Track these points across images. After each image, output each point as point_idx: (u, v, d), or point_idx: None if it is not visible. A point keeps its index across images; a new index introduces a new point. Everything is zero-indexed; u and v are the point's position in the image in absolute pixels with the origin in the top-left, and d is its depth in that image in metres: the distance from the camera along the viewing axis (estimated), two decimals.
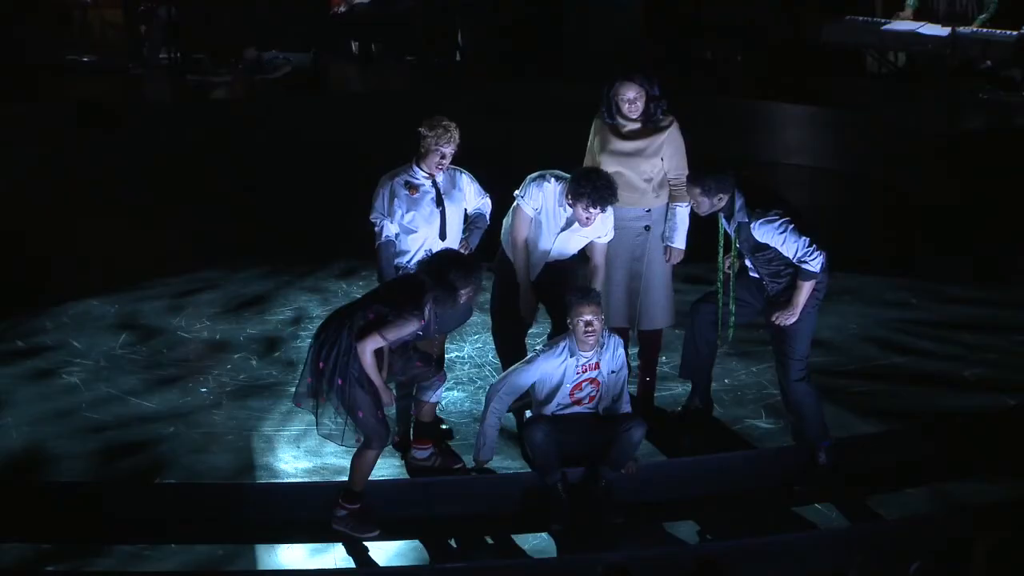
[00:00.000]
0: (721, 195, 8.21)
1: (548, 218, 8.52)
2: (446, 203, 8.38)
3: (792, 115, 15.43)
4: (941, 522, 8.13)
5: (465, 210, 8.55)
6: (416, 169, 8.38)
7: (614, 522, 8.07)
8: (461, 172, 8.53)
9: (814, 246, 8.11)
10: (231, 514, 8.08)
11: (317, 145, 14.79)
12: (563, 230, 8.49)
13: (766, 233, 8.16)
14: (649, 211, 8.81)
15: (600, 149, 8.78)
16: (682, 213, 8.79)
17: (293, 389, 9.06)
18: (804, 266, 8.13)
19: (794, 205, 8.37)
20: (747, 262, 8.47)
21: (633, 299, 8.88)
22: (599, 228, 8.50)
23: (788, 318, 8.23)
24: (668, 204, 8.82)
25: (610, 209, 8.46)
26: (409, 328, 7.59)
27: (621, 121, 8.78)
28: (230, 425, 8.94)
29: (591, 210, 8.29)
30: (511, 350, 8.65)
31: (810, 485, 8.35)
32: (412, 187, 8.36)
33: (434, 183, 8.36)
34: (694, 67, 16.82)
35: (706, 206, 8.27)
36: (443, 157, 8.32)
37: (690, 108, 10.58)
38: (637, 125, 8.77)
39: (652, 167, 8.77)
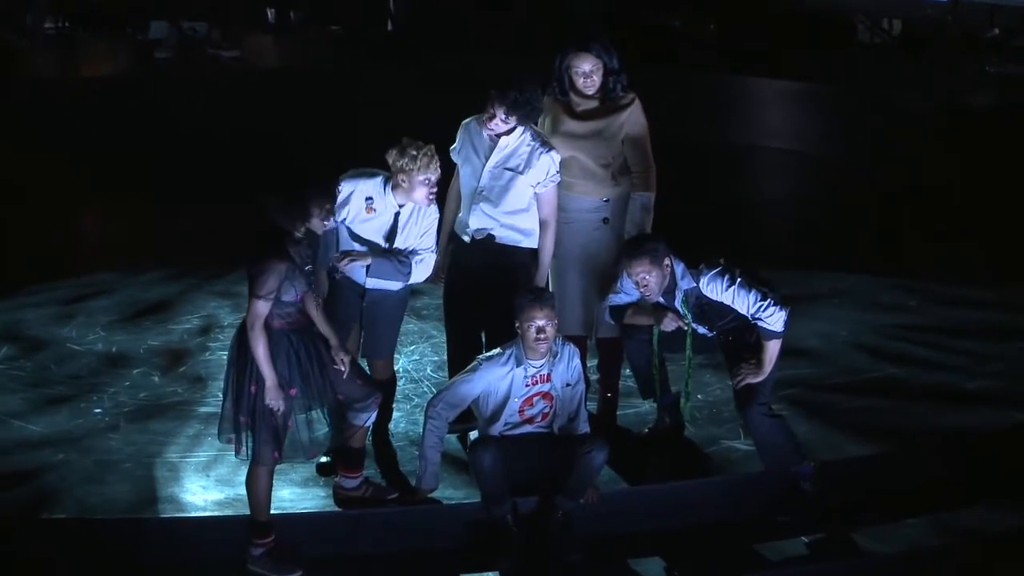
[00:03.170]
0: (667, 260, 8.23)
1: (472, 154, 8.60)
2: (398, 239, 8.31)
3: (772, 91, 15.52)
4: (945, 554, 8.17)
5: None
6: (388, 191, 8.28)
7: (572, 559, 8.05)
8: (435, 208, 8.39)
9: (769, 300, 8.13)
10: (130, 553, 8.02)
11: (225, 128, 14.74)
12: (488, 160, 8.53)
13: (716, 288, 8.23)
14: (607, 201, 8.81)
15: (551, 130, 8.77)
16: (646, 203, 8.80)
17: (201, 409, 9.00)
18: (760, 324, 8.17)
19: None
20: (701, 330, 8.51)
21: (590, 303, 8.88)
22: (534, 174, 8.50)
23: (755, 378, 8.27)
24: (630, 194, 8.83)
25: (552, 154, 8.49)
26: (276, 270, 7.49)
27: (575, 98, 8.78)
28: (129, 451, 8.88)
29: (498, 108, 8.36)
30: (464, 359, 8.57)
31: (795, 515, 8.36)
32: (371, 208, 8.30)
33: (396, 216, 8.28)
34: (659, 36, 16.87)
35: (657, 279, 8.23)
36: (433, 189, 8.23)
37: (655, 83, 10.60)
38: (594, 103, 8.78)
39: (611, 150, 8.77)
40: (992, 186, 13.37)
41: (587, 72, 8.68)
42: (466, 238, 8.65)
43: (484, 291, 8.59)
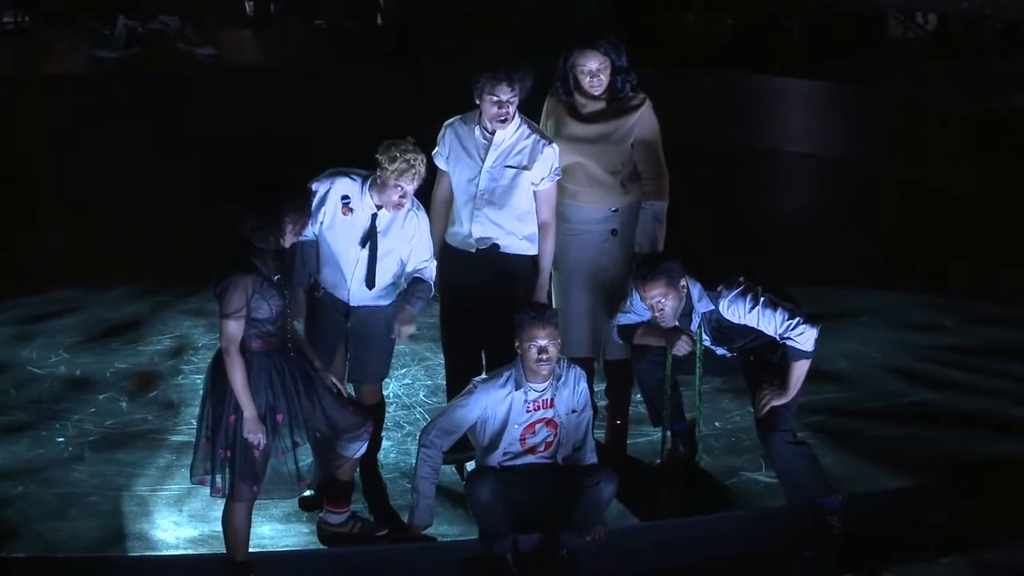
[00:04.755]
0: (683, 281, 8.24)
1: (464, 156, 8.59)
2: (380, 245, 8.30)
3: (795, 92, 15.53)
4: None
5: (402, 262, 8.41)
6: (365, 192, 8.29)
7: None
8: (419, 212, 8.39)
9: (798, 317, 8.14)
10: None
11: (198, 132, 14.75)
12: (483, 160, 8.51)
13: (738, 311, 8.24)
14: (616, 211, 8.81)
15: (555, 134, 8.77)
16: (658, 213, 8.80)
17: (172, 438, 8.98)
18: (790, 343, 8.18)
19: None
20: (720, 351, 8.54)
21: (597, 322, 8.87)
22: (538, 168, 8.50)
23: (779, 400, 8.27)
24: (640, 203, 8.83)
25: (553, 146, 8.50)
26: (241, 285, 7.48)
27: (581, 99, 8.78)
28: (94, 483, 8.87)
29: (499, 89, 8.35)
30: (464, 381, 8.54)
31: (821, 552, 8.36)
32: (347, 208, 8.30)
33: (374, 218, 8.28)
34: (673, 33, 16.89)
35: (673, 303, 8.26)
36: (403, 196, 8.24)
37: (667, 84, 10.62)
38: (601, 104, 8.78)
39: (620, 156, 8.77)
40: None
41: (594, 71, 8.67)
42: (467, 249, 8.62)
43: (485, 306, 8.57)
